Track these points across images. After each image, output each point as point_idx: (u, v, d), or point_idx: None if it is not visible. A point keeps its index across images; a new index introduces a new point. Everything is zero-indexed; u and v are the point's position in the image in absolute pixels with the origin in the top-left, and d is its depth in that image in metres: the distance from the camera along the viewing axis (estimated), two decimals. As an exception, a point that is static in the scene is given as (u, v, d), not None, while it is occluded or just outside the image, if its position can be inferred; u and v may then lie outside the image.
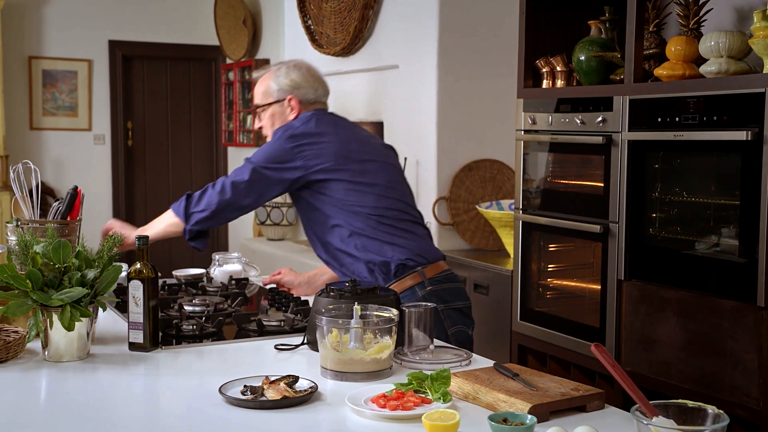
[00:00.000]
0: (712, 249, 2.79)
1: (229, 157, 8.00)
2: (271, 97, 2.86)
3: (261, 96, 2.90)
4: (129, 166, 7.84)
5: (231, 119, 7.56)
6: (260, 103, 2.90)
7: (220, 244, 8.05)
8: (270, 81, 2.88)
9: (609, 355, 1.57)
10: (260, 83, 2.91)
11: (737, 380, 2.65)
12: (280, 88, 2.85)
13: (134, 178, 7.88)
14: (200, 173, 8.12)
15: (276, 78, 2.87)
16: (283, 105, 2.85)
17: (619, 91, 3.06)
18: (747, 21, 3.17)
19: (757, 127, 2.55)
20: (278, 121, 2.85)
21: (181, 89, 8.04)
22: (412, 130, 4.51)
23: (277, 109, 2.85)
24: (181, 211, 2.79)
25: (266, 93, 2.88)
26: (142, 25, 7.69)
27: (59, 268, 1.99)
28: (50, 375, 1.94)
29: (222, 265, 2.98)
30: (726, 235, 2.73)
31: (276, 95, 2.85)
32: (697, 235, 2.84)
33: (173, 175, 8.05)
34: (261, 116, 2.91)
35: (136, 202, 7.88)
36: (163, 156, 8.02)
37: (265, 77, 2.91)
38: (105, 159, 7.67)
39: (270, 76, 2.89)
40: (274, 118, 2.86)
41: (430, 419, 1.54)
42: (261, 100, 2.90)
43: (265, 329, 2.32)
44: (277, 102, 2.85)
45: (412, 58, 4.49)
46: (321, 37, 5.28)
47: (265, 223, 5.85)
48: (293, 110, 2.84)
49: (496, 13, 4.36)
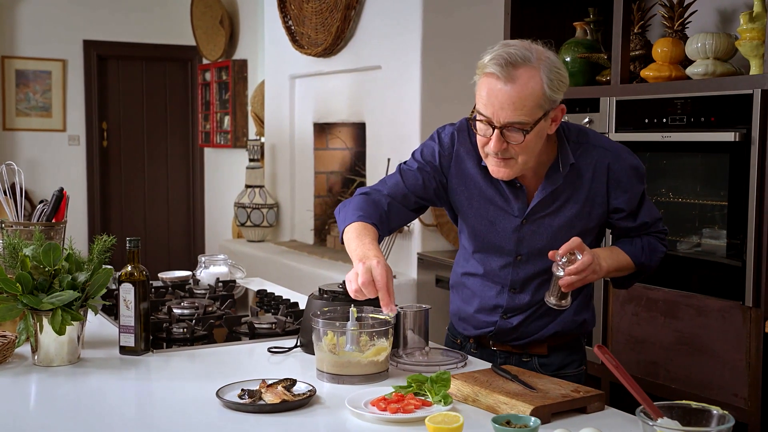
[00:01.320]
0: (700, 249, 2.80)
1: (205, 158, 7.94)
2: (541, 109, 1.89)
3: (530, 108, 1.86)
4: (104, 167, 7.75)
5: (208, 120, 7.51)
6: (526, 120, 1.87)
7: (197, 245, 8.00)
8: (540, 82, 1.87)
9: (612, 357, 1.57)
10: (520, 84, 1.85)
11: (725, 380, 2.67)
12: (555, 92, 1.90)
13: (110, 180, 7.80)
14: (176, 174, 8.05)
15: (548, 77, 1.88)
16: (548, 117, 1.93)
17: (605, 92, 3.07)
18: (730, 23, 3.19)
19: (745, 128, 2.58)
20: (540, 142, 1.95)
21: (157, 90, 7.97)
22: (395, 131, 4.50)
23: (544, 125, 1.92)
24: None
25: (537, 102, 1.87)
26: (117, 25, 7.61)
27: (49, 271, 1.95)
28: (40, 380, 1.90)
29: (208, 267, 2.94)
30: (714, 236, 2.75)
31: (548, 104, 1.90)
32: (684, 236, 2.85)
33: (149, 177, 7.98)
34: (514, 136, 1.89)
35: (111, 203, 7.80)
36: (139, 157, 7.94)
37: (528, 74, 1.86)
38: (80, 160, 7.58)
39: (535, 73, 1.87)
40: (539, 138, 1.94)
41: (434, 422, 1.53)
42: (528, 114, 1.87)
43: (257, 332, 2.29)
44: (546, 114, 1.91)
45: (395, 59, 4.48)
46: (302, 38, 5.25)
47: (245, 224, 5.81)
48: (556, 122, 1.97)
49: (479, 13, 4.36)
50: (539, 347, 2.11)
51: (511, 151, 1.91)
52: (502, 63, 1.85)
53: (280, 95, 5.76)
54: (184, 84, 8.04)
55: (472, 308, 2.14)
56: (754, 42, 2.67)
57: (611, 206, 2.04)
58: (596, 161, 2.01)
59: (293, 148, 5.69)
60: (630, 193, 2.03)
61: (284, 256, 5.20)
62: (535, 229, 2.03)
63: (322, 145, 5.50)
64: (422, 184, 2.08)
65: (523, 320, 2.09)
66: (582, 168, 2.01)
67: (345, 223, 2.02)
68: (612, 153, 2.03)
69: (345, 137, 5.48)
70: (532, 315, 2.08)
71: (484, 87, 1.89)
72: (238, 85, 6.96)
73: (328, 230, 5.45)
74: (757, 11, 2.69)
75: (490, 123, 1.88)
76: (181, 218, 8.10)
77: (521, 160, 1.92)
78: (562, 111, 1.95)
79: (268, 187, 5.96)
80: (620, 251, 2.06)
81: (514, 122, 1.86)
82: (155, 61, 7.90)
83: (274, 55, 5.81)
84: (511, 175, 1.96)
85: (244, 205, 5.82)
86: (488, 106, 1.87)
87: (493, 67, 1.85)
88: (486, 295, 2.11)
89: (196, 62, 7.86)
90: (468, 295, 2.15)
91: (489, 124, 1.89)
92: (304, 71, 5.41)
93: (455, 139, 2.08)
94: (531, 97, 1.85)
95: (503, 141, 1.88)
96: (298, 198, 5.68)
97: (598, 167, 2.01)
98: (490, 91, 1.87)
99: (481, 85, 1.90)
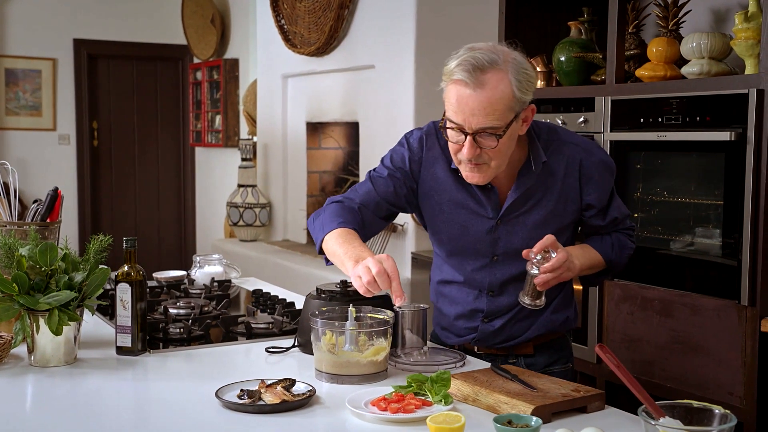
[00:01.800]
0: (695, 248, 2.81)
1: (196, 158, 7.92)
2: (512, 111, 1.87)
3: (501, 112, 1.84)
4: (95, 167, 7.72)
5: (199, 119, 7.49)
6: (498, 125, 1.85)
7: (188, 245, 7.97)
8: (509, 85, 1.84)
9: (614, 356, 1.56)
10: (489, 89, 1.82)
11: (720, 378, 2.68)
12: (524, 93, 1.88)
13: (100, 179, 7.77)
14: (167, 174, 8.03)
15: (516, 78, 1.86)
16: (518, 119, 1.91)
17: (601, 91, 3.07)
18: (724, 22, 3.20)
19: (740, 128, 2.58)
20: (512, 144, 1.93)
21: (148, 89, 7.95)
22: (389, 130, 4.49)
23: (515, 127, 1.90)
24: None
25: (507, 105, 1.84)
26: (107, 24, 7.58)
27: (46, 271, 1.94)
28: (37, 380, 1.89)
29: (203, 267, 2.93)
30: (709, 235, 2.76)
31: (518, 106, 1.88)
32: (679, 235, 2.86)
33: (140, 176, 7.95)
34: (487, 142, 1.86)
35: (101, 203, 7.77)
36: (130, 156, 7.91)
37: (496, 78, 1.83)
38: (70, 159, 7.55)
39: (504, 76, 1.84)
40: (511, 140, 1.92)
41: (435, 422, 1.52)
42: (499, 118, 1.84)
43: (254, 332, 2.28)
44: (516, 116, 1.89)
45: (388, 58, 4.47)
46: (295, 37, 5.24)
47: (238, 224, 5.80)
48: (527, 122, 1.95)
49: (474, 12, 4.36)
50: (524, 348, 2.10)
51: (485, 157, 1.89)
52: (469, 69, 1.82)
53: (272, 94, 5.74)
54: (175, 83, 8.01)
55: (452, 316, 2.13)
56: (750, 41, 2.67)
57: (583, 202, 2.03)
58: (568, 157, 2.00)
59: (286, 148, 5.67)
60: (601, 189, 2.02)
61: (277, 255, 5.19)
62: (510, 228, 2.02)
63: (315, 145, 5.49)
64: (393, 191, 2.05)
65: (504, 323, 2.08)
66: (553, 165, 1.99)
67: (324, 231, 1.98)
68: (583, 149, 2.02)
69: (338, 137, 5.48)
70: (513, 318, 2.07)
71: (453, 94, 1.85)
72: (229, 84, 6.94)
73: (321, 230, 5.44)
74: (752, 11, 2.69)
75: (462, 130, 1.85)
76: (172, 218, 8.07)
77: (494, 164, 1.91)
78: (533, 111, 1.93)
79: (261, 186, 5.95)
80: (591, 249, 2.06)
81: (486, 127, 1.83)
82: (146, 60, 7.88)
83: (266, 55, 5.80)
84: (485, 179, 1.95)
85: (236, 204, 5.80)
86: (459, 113, 1.84)
87: (460, 74, 1.82)
88: (464, 300, 2.10)
89: (187, 61, 7.84)
90: (446, 303, 2.14)
91: (461, 131, 1.86)
92: (296, 70, 5.39)
93: (424, 143, 2.05)
94: (501, 101, 1.82)
95: (476, 147, 1.86)
96: (290, 197, 5.66)
97: (570, 163, 2.00)
98: (459, 98, 1.84)
99: (450, 92, 1.86)
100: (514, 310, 2.06)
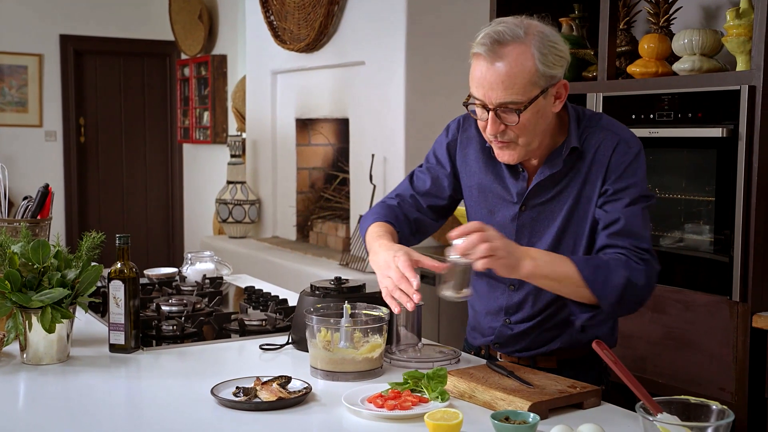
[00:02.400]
0: (687, 245, 2.82)
1: (184, 154, 7.89)
2: (536, 87, 1.80)
3: (522, 86, 1.78)
4: (82, 163, 7.67)
5: (187, 116, 7.46)
6: (519, 99, 1.78)
7: (177, 242, 7.94)
8: (531, 58, 1.77)
9: (611, 352, 1.57)
10: (508, 62, 1.76)
11: (712, 374, 2.69)
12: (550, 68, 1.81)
13: (87, 176, 7.72)
14: (155, 170, 7.99)
15: (540, 52, 1.78)
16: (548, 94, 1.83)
17: (592, 88, 3.08)
18: (714, 19, 3.21)
19: (732, 124, 2.59)
20: (541, 121, 1.86)
21: (135, 85, 7.90)
22: (380, 126, 4.49)
23: (543, 103, 1.83)
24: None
25: (529, 79, 1.78)
26: (94, 20, 7.53)
27: (38, 268, 1.92)
28: (30, 379, 1.87)
29: (194, 264, 2.92)
30: (701, 231, 2.77)
31: (544, 81, 1.81)
32: (671, 231, 2.87)
33: (127, 173, 7.91)
34: (509, 117, 1.81)
35: (89, 199, 7.73)
36: (117, 153, 7.87)
37: (517, 51, 1.76)
38: (57, 156, 7.50)
39: (525, 49, 1.77)
40: (539, 117, 1.84)
41: (433, 419, 1.52)
42: (520, 92, 1.78)
43: (247, 329, 2.27)
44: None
45: (379, 54, 4.46)
46: (284, 33, 5.22)
47: (227, 220, 5.77)
48: (560, 99, 1.87)
49: (465, 9, 4.35)
50: (547, 360, 1.97)
51: (510, 134, 1.81)
52: (487, 42, 1.76)
53: (261, 91, 5.72)
54: (163, 79, 7.97)
55: (480, 312, 2.06)
56: (741, 38, 2.68)
57: (599, 191, 1.85)
58: (601, 142, 1.86)
59: (275, 144, 5.66)
60: (623, 182, 1.83)
61: (267, 252, 5.18)
62: (535, 216, 1.91)
63: (305, 141, 5.47)
64: (432, 182, 2.05)
65: (525, 330, 1.97)
66: (585, 151, 1.87)
67: (363, 231, 2.03)
68: (622, 138, 1.87)
69: (327, 133, 5.46)
70: (536, 327, 1.96)
71: (474, 68, 1.81)
72: (217, 80, 6.91)
73: (311, 226, 5.43)
74: (743, 7, 2.70)
75: (484, 105, 1.80)
76: (159, 214, 8.04)
77: (522, 141, 1.82)
78: (565, 87, 1.83)
79: (250, 183, 5.93)
80: (565, 259, 1.79)
81: (507, 102, 1.77)
82: (133, 57, 7.83)
83: (255, 51, 5.78)
84: (515, 158, 1.85)
85: (225, 201, 5.78)
86: (479, 88, 1.80)
87: (479, 48, 1.77)
88: (491, 295, 2.01)
89: (175, 57, 7.80)
90: (476, 298, 2.05)
91: (483, 107, 1.81)
92: (286, 67, 5.37)
93: (461, 125, 2.04)
94: (521, 75, 1.75)
95: (499, 123, 1.79)
96: (280, 194, 5.65)
97: (602, 148, 1.85)
98: (479, 72, 1.79)
99: (473, 67, 1.81)
100: (536, 319, 1.95)
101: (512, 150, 1.85)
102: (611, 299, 1.77)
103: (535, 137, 1.84)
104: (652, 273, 1.81)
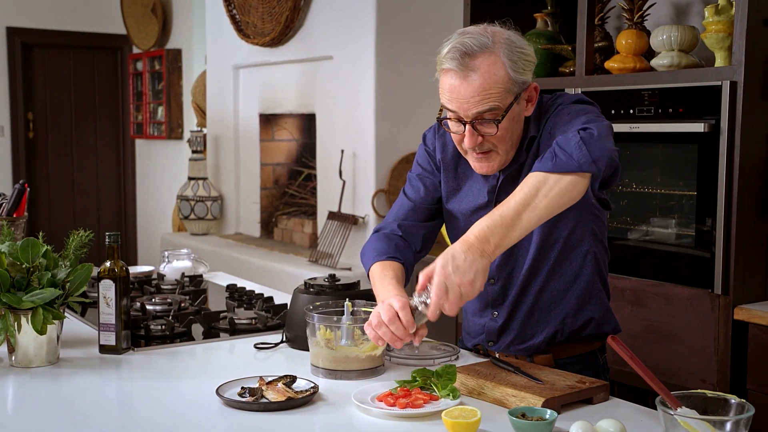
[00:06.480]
0: (668, 238, 2.85)
1: (137, 150, 7.73)
2: (510, 94, 1.78)
3: (497, 95, 1.76)
4: (31, 159, 7.47)
5: (140, 111, 7.31)
6: (496, 109, 1.77)
7: (129, 238, 7.78)
8: (502, 67, 1.75)
9: (626, 347, 1.56)
10: (481, 74, 1.74)
11: (693, 367, 2.72)
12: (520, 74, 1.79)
13: (37, 172, 7.52)
14: (107, 166, 7.82)
15: (510, 59, 1.76)
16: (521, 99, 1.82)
17: (570, 83, 3.09)
18: (685, 15, 3.25)
19: (713, 119, 2.62)
20: (518, 127, 1.85)
21: (86, 79, 7.72)
22: (349, 121, 4.45)
23: (517, 109, 1.82)
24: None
25: (504, 88, 1.76)
26: (43, 12, 7.32)
27: (27, 268, 1.85)
28: (20, 381, 1.80)
29: (171, 262, 2.86)
30: (682, 225, 2.80)
31: (517, 87, 1.79)
32: (652, 225, 2.89)
33: (78, 168, 7.72)
34: (486, 128, 1.80)
35: (39, 195, 7.52)
36: (68, 148, 7.68)
37: (488, 62, 1.75)
38: (5, 152, 7.29)
39: (496, 58, 1.75)
40: (515, 123, 1.84)
41: (451, 416, 1.50)
42: (496, 102, 1.76)
43: (237, 328, 2.23)
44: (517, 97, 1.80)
45: (347, 49, 4.42)
46: (247, 27, 5.14)
47: (189, 217, 5.68)
48: (532, 102, 1.86)
49: (437, 2, 4.34)
50: (543, 358, 1.94)
51: (488, 144, 1.81)
52: (457, 56, 1.74)
53: (223, 86, 5.64)
54: (114, 74, 7.81)
55: (468, 312, 2.05)
56: (720, 34, 2.71)
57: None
58: (549, 116, 1.84)
59: (238, 140, 5.58)
60: (565, 125, 1.75)
61: (231, 249, 5.10)
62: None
63: (268, 137, 5.40)
64: (425, 190, 2.02)
65: (509, 321, 1.95)
66: (543, 134, 1.85)
67: (367, 270, 1.98)
68: (563, 101, 1.85)
69: (292, 128, 5.40)
70: (525, 316, 1.94)
71: (445, 83, 1.79)
72: (172, 75, 6.79)
73: (275, 223, 5.37)
74: (722, 4, 2.73)
75: (460, 119, 1.79)
76: (112, 211, 7.87)
77: (501, 149, 1.83)
78: (536, 89, 1.83)
79: (212, 179, 5.84)
80: (504, 202, 1.67)
81: (484, 111, 1.76)
82: (83, 50, 7.65)
83: (216, 45, 5.68)
84: (495, 168, 1.86)
85: (187, 197, 5.68)
86: (453, 102, 1.78)
87: (449, 63, 1.75)
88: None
89: (127, 51, 7.64)
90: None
91: (459, 120, 1.80)
92: (249, 61, 5.30)
93: (436, 131, 2.03)
94: (495, 85, 1.74)
95: (476, 135, 1.79)
96: (243, 190, 5.57)
97: (549, 121, 1.83)
98: (451, 87, 1.77)
99: (443, 81, 1.80)
100: (522, 307, 1.93)
101: (492, 161, 1.84)
102: (582, 158, 1.64)
103: (513, 143, 1.85)
104: (601, 125, 1.71)
